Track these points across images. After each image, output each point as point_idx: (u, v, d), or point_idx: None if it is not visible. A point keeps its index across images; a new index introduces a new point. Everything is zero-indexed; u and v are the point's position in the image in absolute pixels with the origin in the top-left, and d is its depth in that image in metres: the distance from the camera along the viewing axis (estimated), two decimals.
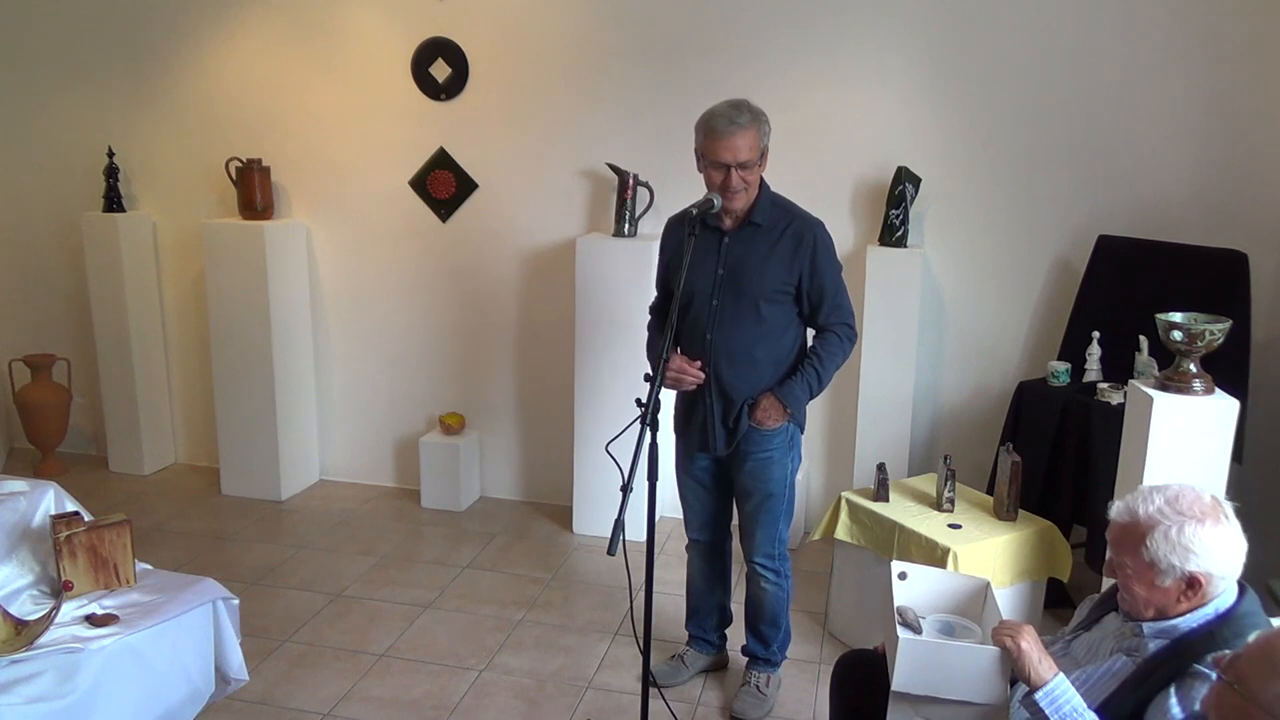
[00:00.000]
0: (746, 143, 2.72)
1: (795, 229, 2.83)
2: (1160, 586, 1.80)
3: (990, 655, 1.93)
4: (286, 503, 4.67)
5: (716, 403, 2.90)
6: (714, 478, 3.05)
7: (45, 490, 2.92)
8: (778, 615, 3.10)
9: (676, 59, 4.15)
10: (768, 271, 2.82)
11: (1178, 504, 1.79)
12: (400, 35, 4.38)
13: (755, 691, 3.09)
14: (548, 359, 4.55)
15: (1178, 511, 1.78)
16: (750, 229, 2.84)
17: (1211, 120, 3.76)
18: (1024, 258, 4.04)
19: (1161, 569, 1.78)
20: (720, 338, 2.85)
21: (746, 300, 2.82)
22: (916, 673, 1.98)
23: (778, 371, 2.88)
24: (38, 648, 2.42)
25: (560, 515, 4.54)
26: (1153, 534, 1.78)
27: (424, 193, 4.54)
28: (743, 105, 2.75)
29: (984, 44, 3.90)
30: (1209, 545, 1.75)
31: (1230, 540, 1.77)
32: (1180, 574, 1.77)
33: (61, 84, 4.80)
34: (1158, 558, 1.78)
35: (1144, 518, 1.80)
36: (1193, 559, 1.76)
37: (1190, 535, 1.76)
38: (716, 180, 2.75)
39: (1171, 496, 1.81)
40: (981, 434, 4.13)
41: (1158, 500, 1.81)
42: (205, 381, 4.84)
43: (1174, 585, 1.79)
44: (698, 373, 2.84)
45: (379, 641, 3.44)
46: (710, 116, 2.75)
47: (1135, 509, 1.83)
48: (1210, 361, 2.76)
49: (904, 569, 2.29)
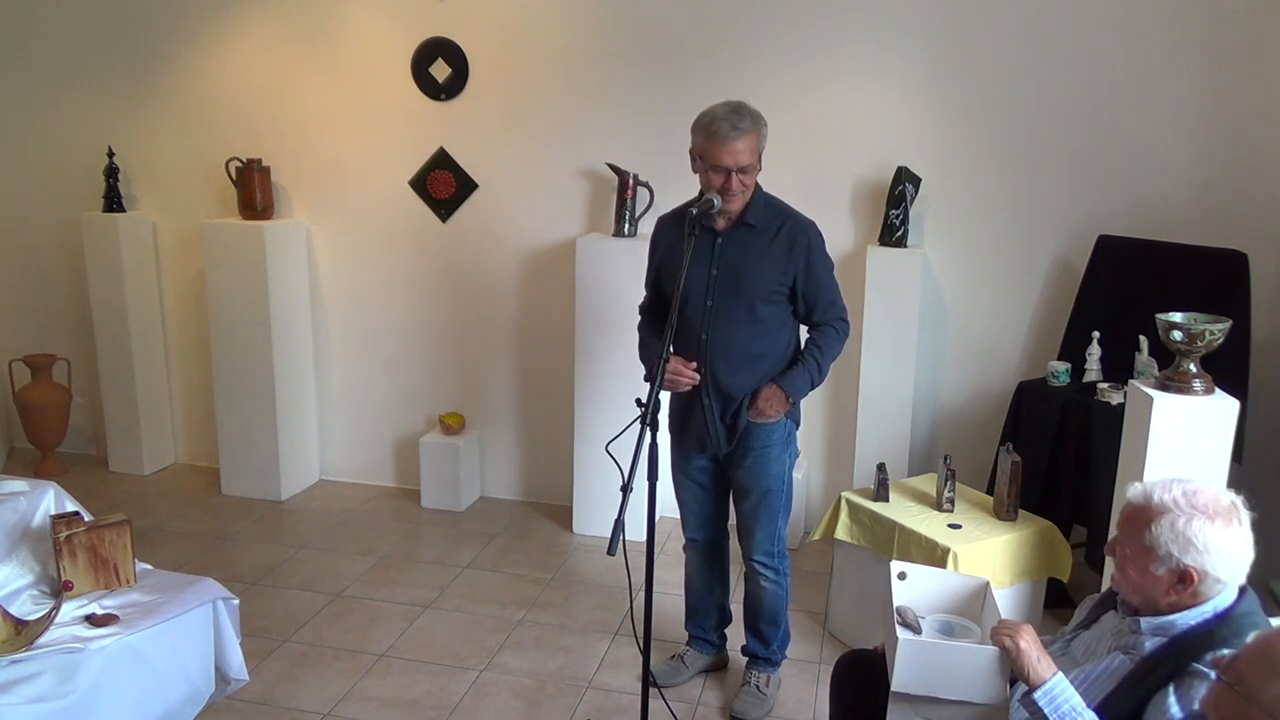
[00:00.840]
0: (747, 147, 2.71)
1: (789, 230, 2.84)
2: (1153, 574, 1.80)
3: (989, 655, 1.93)
4: (286, 503, 4.67)
5: (714, 402, 2.90)
6: (711, 477, 3.06)
7: (45, 490, 2.92)
8: (777, 614, 3.10)
9: (676, 59, 4.15)
10: (763, 272, 2.82)
11: (1195, 498, 1.79)
12: (400, 35, 4.39)
13: (755, 691, 3.09)
14: (548, 359, 4.55)
15: (1192, 505, 1.78)
16: (744, 230, 2.83)
17: (1211, 120, 3.76)
18: (1024, 258, 4.04)
19: (1159, 556, 1.79)
20: (715, 338, 2.85)
21: (741, 301, 2.83)
22: (916, 673, 1.98)
23: (773, 369, 2.89)
24: (38, 648, 2.42)
25: (560, 515, 4.54)
26: (1160, 520, 1.78)
27: (424, 193, 4.54)
28: (743, 109, 2.74)
29: (984, 44, 3.90)
30: (1212, 544, 1.75)
31: (1236, 544, 1.77)
32: (1175, 565, 1.77)
33: (61, 84, 4.80)
34: (1158, 544, 1.78)
35: (1157, 503, 1.80)
36: (1191, 553, 1.76)
37: (1196, 530, 1.76)
38: (716, 183, 2.74)
39: (1191, 490, 1.81)
40: (981, 434, 4.13)
41: (1176, 490, 1.82)
42: (205, 381, 4.85)
43: (1166, 575, 1.79)
44: (693, 374, 2.84)
45: (379, 641, 3.44)
46: (711, 120, 2.73)
47: (1151, 493, 1.83)
48: (1210, 361, 2.77)
49: (904, 569, 2.29)
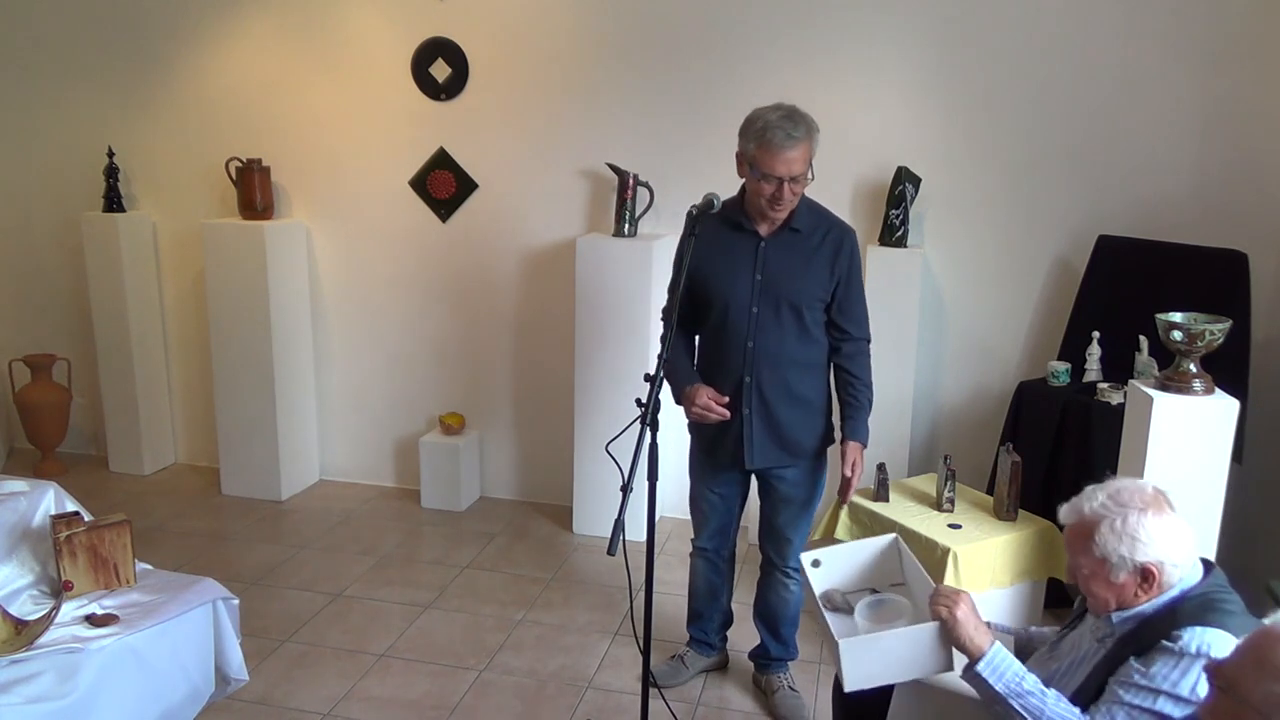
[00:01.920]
0: (801, 155, 2.61)
1: (834, 236, 2.77)
2: (1115, 582, 1.82)
3: (928, 631, 1.93)
4: (286, 503, 4.67)
5: (756, 415, 2.81)
6: (738, 491, 3.02)
7: (45, 490, 2.92)
8: (798, 615, 3.12)
9: (676, 59, 4.15)
10: (809, 278, 2.75)
11: (1119, 497, 1.83)
12: (400, 35, 4.39)
13: (791, 691, 3.10)
14: (548, 359, 4.55)
15: (1120, 504, 1.82)
16: (789, 234, 2.75)
17: (1211, 120, 3.76)
18: (1024, 258, 4.04)
19: (1113, 563, 1.81)
20: (761, 345, 2.76)
21: (787, 307, 2.74)
22: (863, 667, 1.97)
23: (812, 379, 2.83)
24: (38, 648, 2.42)
25: (560, 515, 4.54)
26: (1099, 529, 1.81)
27: (424, 193, 4.54)
28: (797, 115, 2.63)
29: (984, 44, 3.90)
30: (1154, 534, 1.78)
31: (1175, 528, 1.81)
32: (1132, 566, 1.80)
33: (61, 84, 4.80)
34: (1108, 552, 1.81)
35: (1089, 514, 1.84)
36: (1140, 549, 1.79)
37: (1134, 525, 1.79)
38: (766, 192, 2.64)
39: (1113, 491, 1.85)
40: (981, 434, 4.13)
41: (1100, 496, 1.85)
42: (205, 381, 4.84)
43: (1129, 579, 1.81)
44: (724, 410, 2.75)
45: (379, 641, 3.44)
46: (765, 127, 2.61)
47: (1080, 508, 1.87)
48: (1210, 361, 2.77)
49: (816, 555, 2.27)
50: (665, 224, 4.23)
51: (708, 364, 2.89)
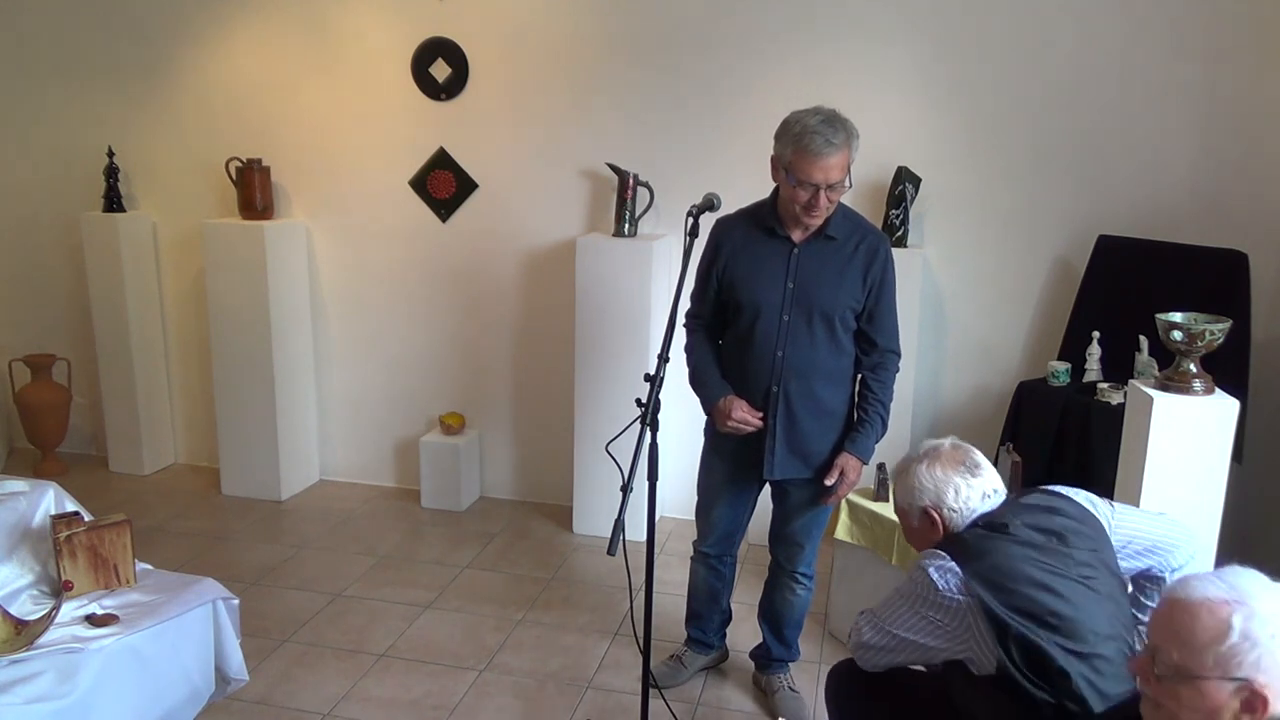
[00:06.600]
0: (839, 163, 2.52)
1: (869, 244, 2.70)
2: (913, 526, 2.12)
3: None
4: (286, 503, 4.67)
5: (780, 425, 2.76)
6: (751, 499, 3.00)
7: (45, 490, 2.92)
8: (803, 618, 3.12)
9: (676, 59, 4.15)
10: (843, 287, 2.68)
11: (913, 452, 2.15)
12: (400, 35, 4.39)
13: (792, 692, 3.10)
14: (548, 359, 4.55)
15: (908, 459, 2.14)
16: (823, 241, 2.68)
17: (1211, 120, 3.76)
18: (1024, 258, 4.04)
19: (905, 509, 2.13)
20: (791, 354, 2.70)
21: (820, 316, 2.68)
22: None
23: (839, 390, 2.78)
24: (38, 648, 2.42)
25: (560, 515, 4.54)
26: (896, 485, 2.14)
27: (424, 193, 4.54)
28: (836, 120, 2.54)
29: (985, 44, 3.90)
30: (924, 481, 2.06)
31: (947, 476, 2.05)
32: (916, 511, 2.09)
33: (61, 84, 4.80)
34: (899, 500, 2.15)
35: (894, 472, 2.14)
36: (916, 494, 2.08)
37: (913, 475, 2.09)
38: (802, 199, 2.56)
39: (920, 450, 2.14)
40: (981, 434, 4.12)
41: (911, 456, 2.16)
42: (205, 381, 4.85)
43: (920, 523, 2.09)
44: (758, 422, 2.73)
45: (379, 641, 3.44)
46: (802, 131, 2.52)
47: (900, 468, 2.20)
48: (1210, 361, 2.76)
49: None
50: (665, 224, 4.23)
51: (733, 371, 2.82)
